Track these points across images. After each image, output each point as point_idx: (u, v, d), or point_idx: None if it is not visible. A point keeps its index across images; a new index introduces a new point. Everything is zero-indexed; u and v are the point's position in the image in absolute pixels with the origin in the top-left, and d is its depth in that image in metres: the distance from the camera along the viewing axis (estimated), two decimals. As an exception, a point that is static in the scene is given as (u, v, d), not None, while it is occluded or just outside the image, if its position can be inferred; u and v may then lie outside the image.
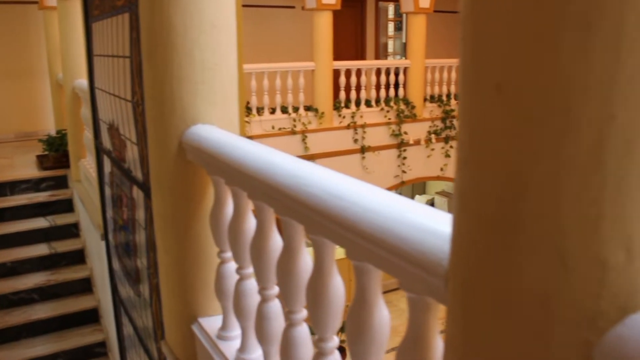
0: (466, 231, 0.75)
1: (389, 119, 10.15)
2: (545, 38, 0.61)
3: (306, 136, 9.27)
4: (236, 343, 2.15)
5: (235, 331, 2.19)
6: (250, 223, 1.88)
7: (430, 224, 0.97)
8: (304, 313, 1.59)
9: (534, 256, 0.66)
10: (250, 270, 1.93)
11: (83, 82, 5.18)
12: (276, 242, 1.70)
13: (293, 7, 12.57)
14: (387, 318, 1.24)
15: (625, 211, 0.61)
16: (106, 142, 3.61)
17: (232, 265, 2.13)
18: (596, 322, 0.65)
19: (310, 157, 9.24)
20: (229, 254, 2.11)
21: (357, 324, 1.25)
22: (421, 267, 0.95)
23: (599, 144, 0.60)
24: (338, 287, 1.39)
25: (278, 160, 1.51)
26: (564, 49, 0.59)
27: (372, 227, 1.07)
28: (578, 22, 0.58)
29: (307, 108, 9.51)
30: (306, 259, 1.53)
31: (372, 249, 1.09)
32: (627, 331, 0.64)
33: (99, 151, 4.00)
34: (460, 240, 0.77)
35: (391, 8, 15.03)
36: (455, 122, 10.78)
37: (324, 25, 9.30)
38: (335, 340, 1.44)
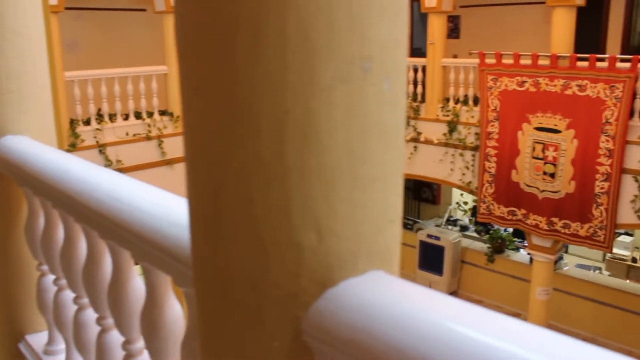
0: (193, 225, 0.80)
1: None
2: (224, 44, 0.66)
3: (162, 141, 9.08)
4: (62, 357, 2.09)
5: (61, 345, 2.13)
6: (60, 233, 1.83)
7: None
8: (109, 320, 1.58)
9: (238, 243, 0.72)
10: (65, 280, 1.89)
11: None
12: (84, 249, 1.67)
13: (144, 10, 12.24)
14: (180, 314, 1.27)
15: (309, 197, 0.69)
16: None
17: (50, 278, 2.06)
18: (300, 298, 0.72)
19: (168, 162, 9.07)
20: (46, 266, 2.05)
21: (150, 322, 1.27)
22: (184, 263, 0.99)
23: (279, 138, 0.67)
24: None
25: (73, 168, 1.49)
26: (238, 53, 0.65)
27: (144, 227, 1.09)
28: (248, 29, 0.64)
29: (162, 112, 9.32)
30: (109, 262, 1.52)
31: (147, 249, 1.12)
32: (325, 304, 0.72)
33: None
34: (192, 234, 0.82)
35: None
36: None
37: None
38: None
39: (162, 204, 1.12)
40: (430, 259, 12.52)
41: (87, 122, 8.74)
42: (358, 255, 0.73)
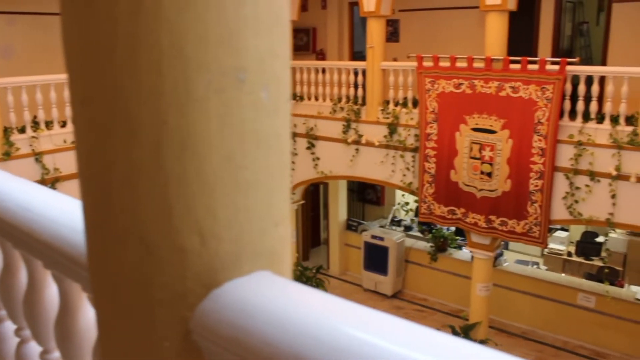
0: (87, 232, 0.82)
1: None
2: (104, 58, 0.69)
3: (101, 148, 8.90)
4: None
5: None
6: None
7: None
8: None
9: (126, 248, 0.75)
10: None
11: None
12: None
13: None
14: (93, 320, 1.28)
15: (190, 202, 0.72)
16: None
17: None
18: (187, 299, 0.75)
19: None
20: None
21: (63, 331, 1.27)
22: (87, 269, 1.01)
23: (158, 147, 0.70)
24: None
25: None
26: (117, 67, 0.68)
27: (52, 236, 1.10)
28: (125, 44, 0.67)
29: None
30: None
31: (56, 258, 1.12)
32: (210, 304, 0.75)
33: None
34: (87, 241, 0.84)
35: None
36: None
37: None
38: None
39: (70, 212, 1.13)
40: (374, 260, 12.69)
41: (22, 130, 8.50)
42: (242, 257, 0.76)
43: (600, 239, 12.74)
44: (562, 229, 13.06)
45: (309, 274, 12.54)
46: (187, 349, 0.77)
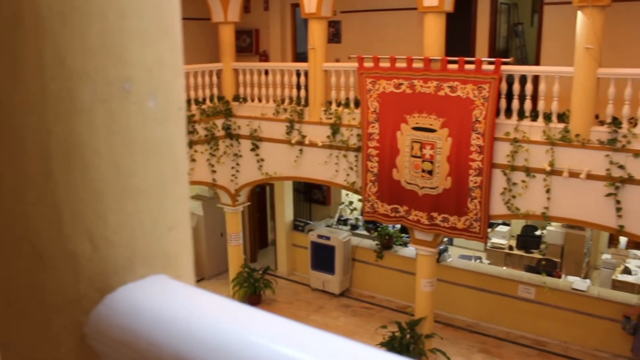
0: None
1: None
2: (-14, 68, 0.70)
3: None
4: None
5: None
6: None
7: None
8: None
9: (18, 255, 0.76)
10: None
11: None
12: None
13: None
14: None
15: (79, 209, 0.74)
16: None
17: None
18: (81, 304, 0.77)
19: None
20: None
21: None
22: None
23: (45, 156, 0.71)
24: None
25: None
26: (1, 80, 0.70)
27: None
28: (6, 56, 0.69)
29: None
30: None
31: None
32: (104, 309, 0.77)
33: None
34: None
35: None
36: (196, 126, 10.95)
37: None
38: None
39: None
40: (322, 259, 12.78)
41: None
42: (135, 261, 0.79)
43: (539, 232, 13.18)
44: (504, 224, 13.45)
45: (256, 275, 12.53)
46: (84, 353, 0.78)
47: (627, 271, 11.61)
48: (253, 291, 12.44)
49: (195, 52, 12.48)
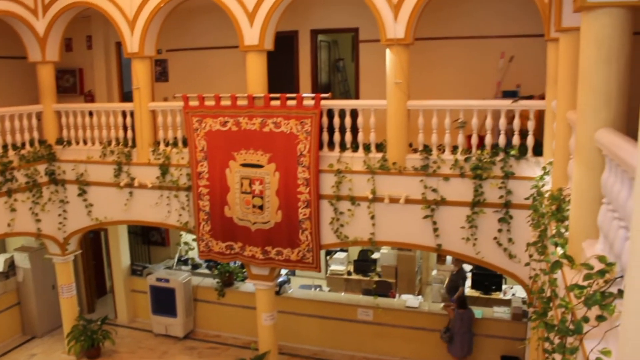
0: None
1: None
2: None
3: None
4: None
5: None
6: None
7: None
8: None
9: None
10: None
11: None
12: None
13: None
14: None
15: None
16: None
17: None
18: None
19: None
20: None
21: None
22: None
23: None
24: None
25: None
26: None
27: None
28: None
29: None
30: None
31: None
32: None
33: None
34: None
35: None
36: (15, 173, 10.24)
37: None
38: None
39: None
40: (162, 303, 12.40)
41: None
42: None
43: (375, 255, 13.79)
44: (342, 250, 13.91)
45: (93, 326, 11.86)
46: None
47: (453, 285, 12.46)
48: (91, 344, 11.73)
49: (10, 94, 11.71)
